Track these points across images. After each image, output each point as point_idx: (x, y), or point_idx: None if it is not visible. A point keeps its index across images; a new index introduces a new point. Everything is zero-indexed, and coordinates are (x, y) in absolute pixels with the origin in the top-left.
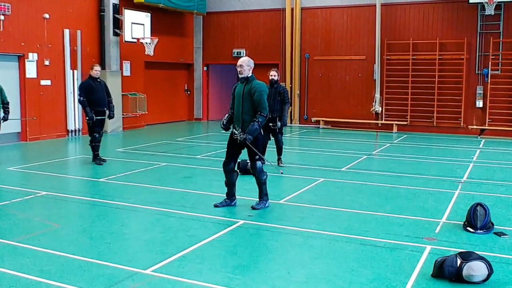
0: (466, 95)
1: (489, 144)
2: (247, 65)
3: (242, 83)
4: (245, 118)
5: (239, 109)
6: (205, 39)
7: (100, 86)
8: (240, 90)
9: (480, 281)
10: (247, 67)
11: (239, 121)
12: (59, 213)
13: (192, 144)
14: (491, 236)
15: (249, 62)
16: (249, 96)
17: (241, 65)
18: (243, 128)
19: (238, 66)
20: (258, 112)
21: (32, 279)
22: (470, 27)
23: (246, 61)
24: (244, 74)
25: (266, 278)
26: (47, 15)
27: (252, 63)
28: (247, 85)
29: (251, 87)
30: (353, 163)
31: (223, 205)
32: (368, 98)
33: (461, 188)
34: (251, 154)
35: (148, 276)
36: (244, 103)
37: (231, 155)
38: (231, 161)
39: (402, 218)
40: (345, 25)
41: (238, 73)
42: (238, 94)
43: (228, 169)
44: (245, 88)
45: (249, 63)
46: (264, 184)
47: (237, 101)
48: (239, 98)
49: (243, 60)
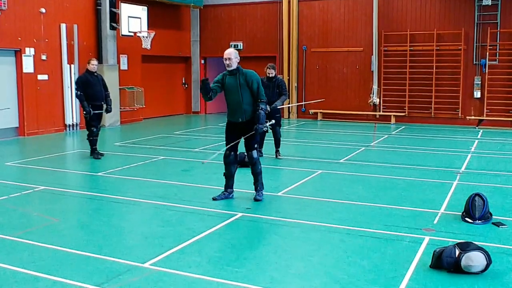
0: (464, 85)
1: (487, 134)
2: (235, 57)
3: (232, 75)
4: (247, 108)
5: (239, 100)
6: (202, 32)
7: (97, 80)
8: (233, 82)
9: (478, 271)
10: (235, 59)
11: (241, 112)
12: (57, 207)
13: (189, 138)
14: (489, 226)
15: (236, 54)
16: (246, 87)
17: (230, 58)
18: (246, 117)
19: (226, 59)
20: (258, 100)
21: (30, 273)
22: (467, 18)
23: (234, 54)
24: (233, 67)
25: (264, 271)
26: (43, 9)
27: (238, 55)
28: (240, 76)
29: (246, 77)
30: (351, 155)
31: (221, 198)
32: (366, 89)
33: (459, 179)
34: (249, 143)
35: (147, 270)
36: (243, 94)
37: (231, 146)
38: (231, 152)
39: (400, 209)
40: (342, 16)
41: (225, 66)
42: (233, 86)
43: (229, 160)
44: (239, 79)
45: (236, 55)
46: (260, 174)
47: (232, 93)
48: (234, 90)
49: (230, 53)
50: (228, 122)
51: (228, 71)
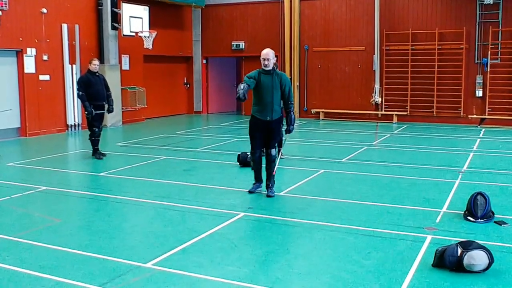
0: (465, 84)
1: (489, 133)
2: (272, 58)
3: (267, 74)
4: (276, 108)
5: (270, 99)
6: (203, 31)
7: (98, 80)
8: (269, 82)
9: (481, 270)
10: (272, 60)
11: (270, 111)
12: (59, 207)
13: (192, 137)
14: (491, 225)
15: (273, 54)
16: (279, 88)
17: (268, 58)
18: (274, 117)
19: (265, 60)
20: (289, 102)
21: (32, 274)
22: (469, 17)
23: (272, 54)
24: (270, 67)
25: (266, 270)
26: (44, 9)
27: (274, 55)
28: (276, 77)
29: (281, 80)
30: (353, 154)
31: (254, 190)
32: (368, 88)
33: (461, 178)
34: (270, 142)
35: (149, 270)
36: (274, 94)
37: (258, 144)
38: (258, 150)
39: (403, 208)
40: (343, 15)
41: (262, 65)
42: (267, 85)
43: (256, 158)
44: (274, 79)
45: (273, 55)
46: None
47: (266, 92)
48: (269, 89)
49: (268, 53)
50: (254, 119)
51: (263, 70)
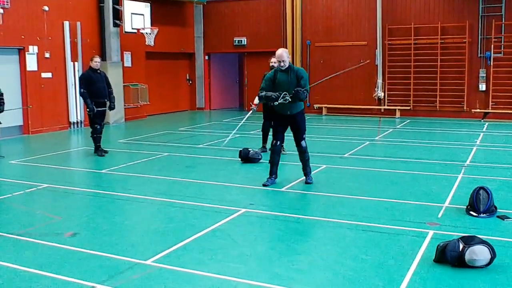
0: (468, 78)
1: (492, 127)
2: (287, 57)
3: (284, 72)
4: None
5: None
6: (205, 28)
7: (100, 77)
8: (285, 79)
9: (482, 265)
10: (287, 59)
11: (289, 106)
12: (60, 205)
13: (194, 134)
14: (494, 219)
15: (287, 53)
16: (295, 81)
17: (284, 60)
18: (294, 111)
19: (281, 62)
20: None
21: (33, 271)
22: (471, 10)
23: (286, 54)
24: (287, 65)
25: (267, 267)
26: (46, 7)
27: (288, 53)
28: (291, 72)
29: (297, 74)
30: (356, 149)
31: (269, 183)
32: (370, 83)
33: (464, 172)
34: (298, 135)
35: (149, 267)
36: (291, 88)
37: (279, 136)
38: (279, 142)
39: (405, 203)
40: (345, 10)
41: (279, 66)
42: (284, 82)
43: (275, 149)
44: (290, 76)
45: (288, 54)
46: (309, 160)
47: (284, 89)
48: (286, 86)
49: (282, 55)
50: (275, 115)
51: (280, 69)
